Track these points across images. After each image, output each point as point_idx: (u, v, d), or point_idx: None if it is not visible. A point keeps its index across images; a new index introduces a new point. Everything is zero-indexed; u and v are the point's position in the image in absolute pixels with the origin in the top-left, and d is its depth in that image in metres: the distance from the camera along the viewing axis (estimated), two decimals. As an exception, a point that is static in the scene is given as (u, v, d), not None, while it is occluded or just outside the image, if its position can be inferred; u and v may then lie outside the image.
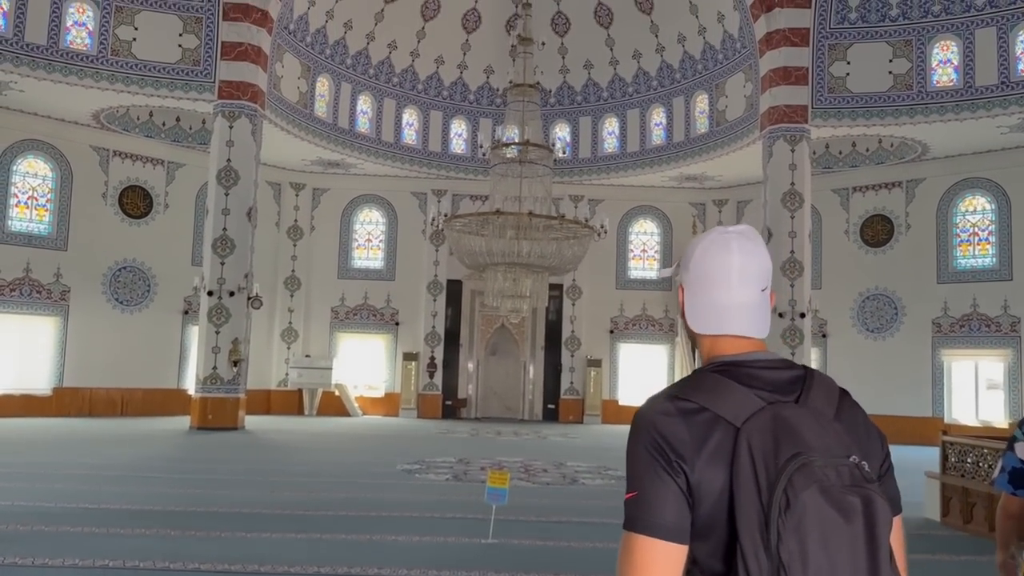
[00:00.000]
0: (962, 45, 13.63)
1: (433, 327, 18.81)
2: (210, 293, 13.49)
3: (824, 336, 16.82)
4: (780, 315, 13.53)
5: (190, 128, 15.82)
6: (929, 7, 13.89)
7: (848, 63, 14.16)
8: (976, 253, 15.93)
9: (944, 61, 13.81)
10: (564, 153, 15.77)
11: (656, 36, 17.58)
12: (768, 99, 14.39)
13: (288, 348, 18.60)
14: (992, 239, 15.71)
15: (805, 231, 14.00)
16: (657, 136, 17.91)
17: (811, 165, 14.33)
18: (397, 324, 18.94)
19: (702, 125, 16.98)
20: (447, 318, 19.00)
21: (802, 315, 13.69)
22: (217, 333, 13.53)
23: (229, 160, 13.84)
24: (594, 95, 18.74)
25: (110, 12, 13.86)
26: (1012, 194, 15.30)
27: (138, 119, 15.54)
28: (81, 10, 13.70)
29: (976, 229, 15.96)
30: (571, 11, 18.08)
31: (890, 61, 14.00)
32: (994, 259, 15.60)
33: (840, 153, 15.90)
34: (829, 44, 14.22)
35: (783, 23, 14.25)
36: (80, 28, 13.68)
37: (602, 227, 12.13)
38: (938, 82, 13.81)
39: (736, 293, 1.07)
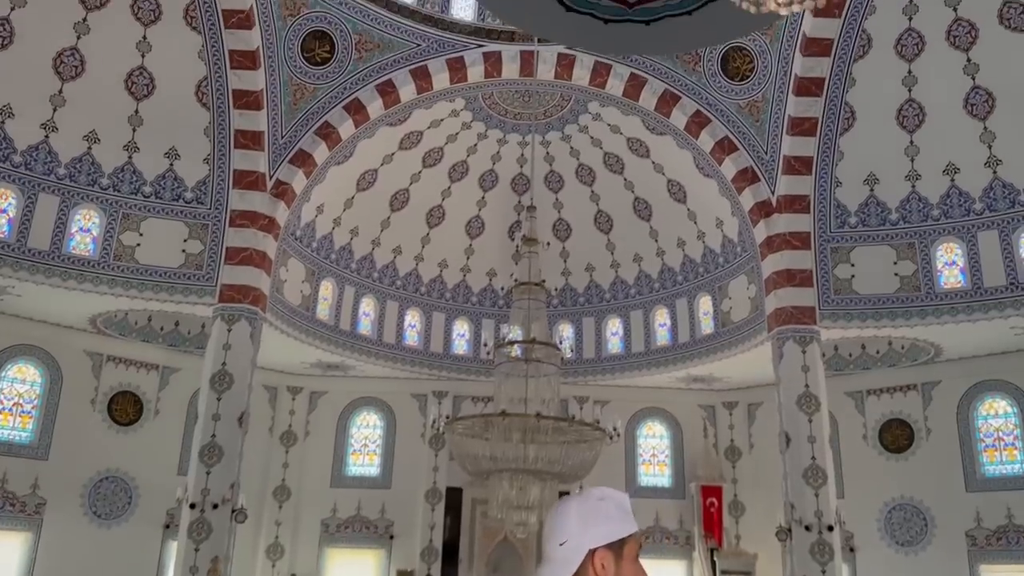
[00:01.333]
0: (966, 248, 13.67)
1: (430, 540, 17.55)
2: (192, 506, 12.56)
3: (852, 550, 15.63)
4: (807, 528, 12.56)
5: (188, 332, 15.56)
6: (928, 211, 14.09)
7: (852, 265, 14.16)
8: (1004, 459, 15.16)
9: (949, 263, 13.80)
10: (571, 353, 15.43)
11: (656, 240, 17.83)
12: (774, 300, 14.25)
13: (273, 567, 17.23)
14: (1018, 443, 15.01)
15: (824, 435, 13.32)
16: (662, 337, 17.66)
17: (823, 367, 13.92)
18: (391, 537, 17.69)
19: (707, 326, 16.77)
20: (445, 529, 17.79)
21: (830, 528, 12.69)
22: (196, 550, 12.44)
23: (224, 364, 13.40)
24: (596, 296, 18.72)
25: (116, 219, 14.00)
26: (1033, 397, 14.80)
27: (136, 323, 15.31)
28: (87, 217, 13.85)
29: (1000, 434, 15.29)
30: (572, 218, 18.47)
31: (895, 263, 14.00)
32: (1023, 466, 14.83)
33: (850, 355, 15.57)
34: (831, 247, 14.29)
35: (783, 227, 14.41)
36: (84, 234, 13.76)
37: (615, 429, 11.50)
38: (945, 283, 13.72)
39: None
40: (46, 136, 13.78)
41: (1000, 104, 13.30)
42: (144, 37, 14.01)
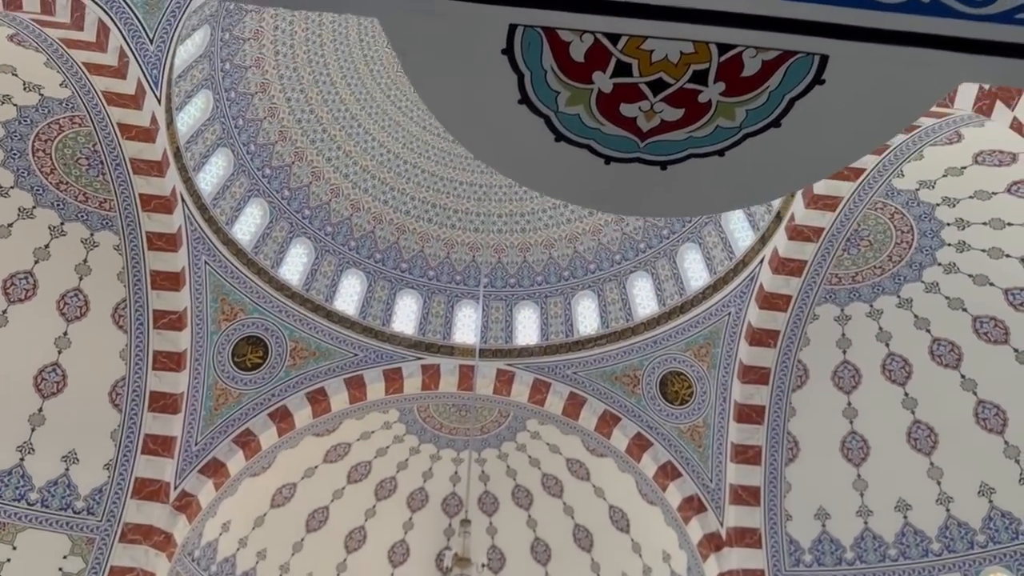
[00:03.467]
0: None
1: None
2: None
3: None
4: None
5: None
6: (884, 551, 13.19)
7: (813, 609, 12.87)
8: None
9: None
10: None
11: (597, 575, 16.35)
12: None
13: None
14: None
15: None
16: None
17: None
18: None
19: None
20: None
21: None
22: None
23: None
24: (532, 639, 16.66)
25: (-13, 530, 12.23)
26: None
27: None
28: (-46, 529, 12.07)
29: None
30: (506, 545, 17.01)
31: None
32: None
33: None
34: (788, 587, 13.10)
35: (736, 563, 13.28)
36: (-55, 547, 11.87)
37: None
38: None
39: None
40: (-72, 431, 12.47)
41: (943, 440, 13.11)
42: (65, 333, 13.37)
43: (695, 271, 14.84)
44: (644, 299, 15.43)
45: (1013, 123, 7.26)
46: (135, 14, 9.82)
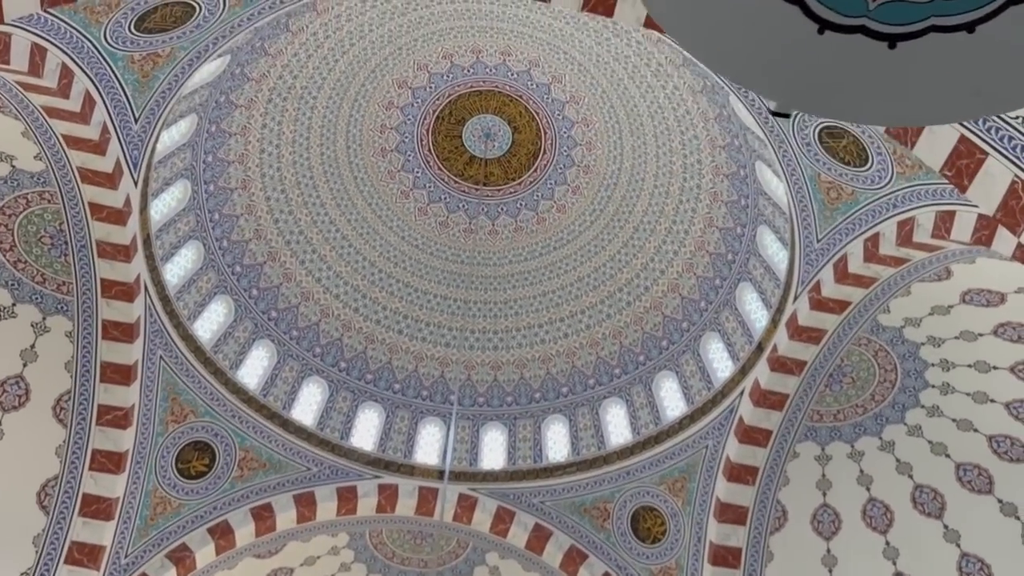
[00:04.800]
0: None
1: None
2: None
3: None
4: None
5: None
6: None
7: None
8: None
9: None
10: None
11: None
12: None
13: None
14: None
15: None
16: None
17: None
18: None
19: None
20: None
21: None
22: None
23: None
24: None
25: None
26: None
27: None
28: None
29: None
30: None
31: None
32: None
33: None
34: None
35: None
36: None
37: None
38: None
39: None
40: None
41: (927, 594, 12.45)
42: (-2, 423, 12.36)
43: (671, 400, 14.41)
44: (617, 427, 14.88)
45: (1016, 251, 7.18)
46: (124, 89, 9.58)
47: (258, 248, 15.02)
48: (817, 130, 9.38)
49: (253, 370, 14.52)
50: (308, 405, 14.99)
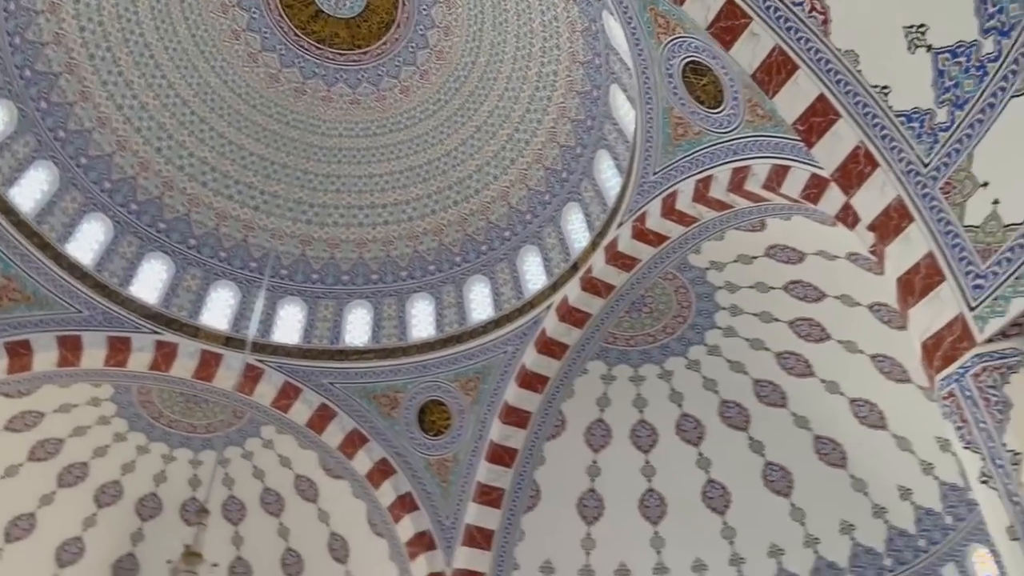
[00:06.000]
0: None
1: None
2: None
3: None
4: None
5: None
6: (601, 610, 13.45)
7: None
8: None
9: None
10: None
11: (297, 605, 15.04)
12: None
13: None
14: None
15: None
16: None
17: None
18: None
19: None
20: None
21: None
22: None
23: None
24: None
25: None
26: None
27: None
28: None
29: None
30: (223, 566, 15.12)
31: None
32: None
33: None
34: (506, 637, 12.82)
35: (457, 606, 12.80)
36: None
37: None
38: None
39: None
40: None
41: (672, 510, 13.72)
42: None
43: (480, 304, 14.58)
44: (422, 322, 14.85)
45: (841, 211, 7.84)
46: None
47: (55, 56, 13.06)
48: (683, 63, 9.59)
49: (30, 192, 12.78)
50: (88, 243, 13.51)
